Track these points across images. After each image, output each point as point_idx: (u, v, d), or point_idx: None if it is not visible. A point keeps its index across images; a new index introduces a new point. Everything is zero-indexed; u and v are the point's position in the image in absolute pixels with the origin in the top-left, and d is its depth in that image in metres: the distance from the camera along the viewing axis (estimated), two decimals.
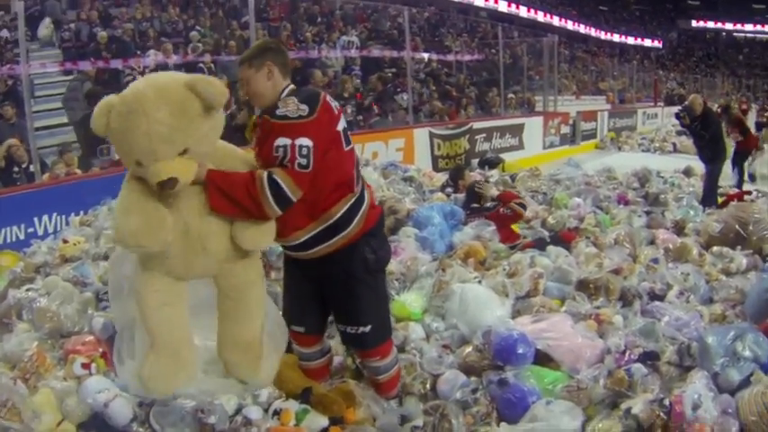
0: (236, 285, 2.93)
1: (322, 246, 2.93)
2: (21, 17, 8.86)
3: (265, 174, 2.67)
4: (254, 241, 2.84)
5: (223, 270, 2.88)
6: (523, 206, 5.95)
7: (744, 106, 24.04)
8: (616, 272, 4.52)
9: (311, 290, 3.14)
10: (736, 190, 9.76)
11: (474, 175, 8.41)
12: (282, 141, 2.68)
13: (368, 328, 3.10)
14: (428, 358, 3.60)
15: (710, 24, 54.71)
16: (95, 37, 12.31)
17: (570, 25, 42.52)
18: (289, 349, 3.43)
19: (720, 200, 8.44)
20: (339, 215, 2.91)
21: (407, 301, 4.16)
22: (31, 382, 3.28)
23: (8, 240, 6.64)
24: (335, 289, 3.07)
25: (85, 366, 3.39)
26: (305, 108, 2.74)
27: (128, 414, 3.12)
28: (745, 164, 11.17)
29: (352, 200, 2.95)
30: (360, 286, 3.05)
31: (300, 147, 2.68)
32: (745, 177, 11.12)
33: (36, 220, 6.89)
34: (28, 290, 4.21)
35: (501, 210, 5.79)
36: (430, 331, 3.96)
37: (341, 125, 2.93)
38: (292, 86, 2.96)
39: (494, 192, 6.31)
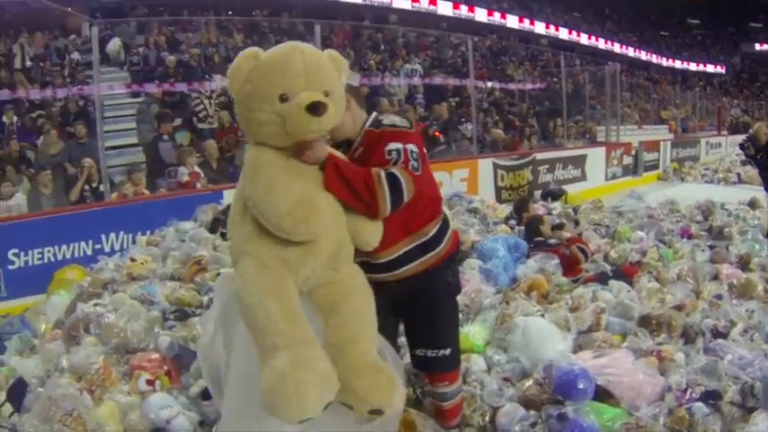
0: (343, 292, 2.66)
1: (413, 264, 2.97)
2: (95, 37, 9.23)
3: (383, 170, 2.70)
4: (372, 234, 2.76)
5: (332, 264, 2.67)
6: (585, 253, 5.93)
7: None
8: (678, 308, 4.48)
9: (385, 317, 3.11)
10: None
11: (537, 207, 8.44)
12: (395, 145, 2.76)
13: (448, 351, 3.16)
14: (488, 390, 3.65)
15: None
16: (163, 61, 12.86)
17: (631, 52, 42.04)
18: None
19: None
20: (432, 233, 2.99)
21: (470, 332, 4.20)
22: (96, 395, 3.41)
23: (76, 255, 7.03)
24: (419, 312, 3.12)
25: (150, 383, 3.53)
26: (405, 121, 2.89)
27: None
28: None
29: (442, 220, 3.06)
30: (442, 309, 3.14)
31: (411, 151, 2.77)
32: None
33: (104, 236, 7.27)
34: (95, 305, 4.37)
35: (562, 249, 5.81)
36: (491, 364, 4.00)
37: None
38: (376, 113, 3.03)
39: (548, 230, 6.41)
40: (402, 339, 3.37)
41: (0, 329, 4.99)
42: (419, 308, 3.11)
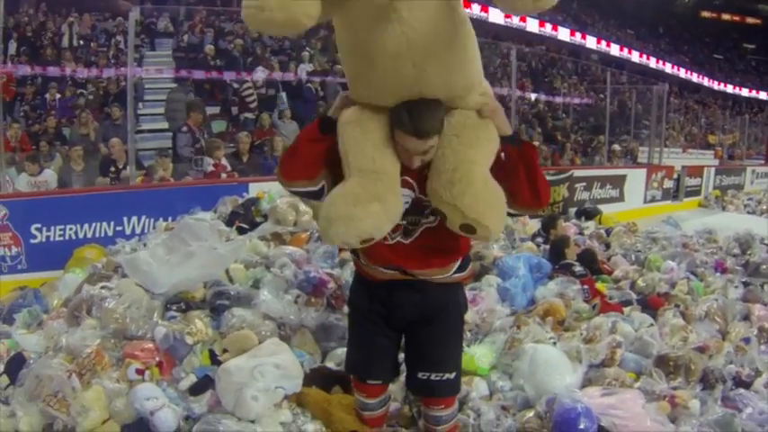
0: None
1: (459, 274, 2.97)
2: (131, 18, 9.14)
3: None
4: None
5: None
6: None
7: None
8: (701, 349, 4.26)
9: (395, 340, 3.08)
10: None
11: (568, 226, 8.21)
12: None
13: (453, 375, 3.02)
14: (485, 419, 3.49)
15: None
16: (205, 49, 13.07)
17: (682, 73, 41.45)
18: (348, 390, 3.45)
19: None
20: (470, 248, 3.03)
21: (477, 354, 4.03)
22: (85, 378, 3.42)
23: (96, 235, 6.97)
24: (432, 334, 2.98)
25: (140, 372, 3.52)
26: None
27: (172, 425, 3.27)
28: None
29: None
30: (454, 332, 3.06)
31: None
32: None
33: (125, 219, 7.16)
34: (102, 287, 4.34)
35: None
36: (494, 389, 3.84)
37: None
38: None
39: (573, 254, 6.16)
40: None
41: (13, 302, 4.99)
42: (434, 329, 2.97)
